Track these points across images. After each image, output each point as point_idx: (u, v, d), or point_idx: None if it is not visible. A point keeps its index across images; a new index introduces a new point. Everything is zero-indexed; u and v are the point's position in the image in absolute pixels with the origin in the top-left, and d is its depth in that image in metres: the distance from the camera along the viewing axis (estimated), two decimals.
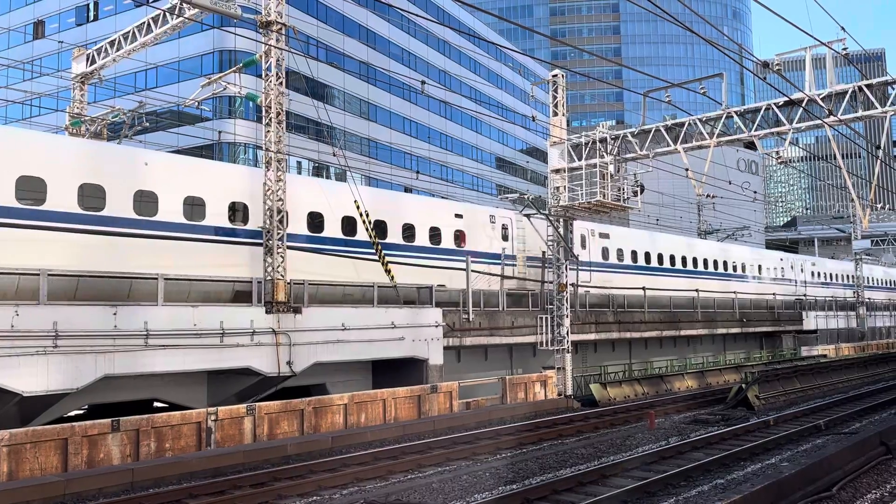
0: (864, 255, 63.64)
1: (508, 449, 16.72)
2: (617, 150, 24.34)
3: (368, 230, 22.43)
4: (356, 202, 22.12)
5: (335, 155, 27.59)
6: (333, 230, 22.30)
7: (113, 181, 17.89)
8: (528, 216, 27.31)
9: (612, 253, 33.05)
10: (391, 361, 21.58)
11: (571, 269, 27.42)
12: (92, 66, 24.68)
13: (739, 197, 40.63)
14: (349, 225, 22.70)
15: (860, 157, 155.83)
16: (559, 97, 25.89)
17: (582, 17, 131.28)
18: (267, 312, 18.37)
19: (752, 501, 9.88)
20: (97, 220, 17.54)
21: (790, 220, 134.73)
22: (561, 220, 25.84)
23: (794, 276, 48.98)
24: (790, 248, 76.86)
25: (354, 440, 17.29)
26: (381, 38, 62.67)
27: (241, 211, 20.33)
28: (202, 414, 15.96)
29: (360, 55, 58.60)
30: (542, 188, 65.33)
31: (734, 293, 39.52)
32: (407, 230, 24.51)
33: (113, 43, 23.83)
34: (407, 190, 55.12)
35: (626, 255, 33.86)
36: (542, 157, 71.37)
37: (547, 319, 25.58)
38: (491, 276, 26.84)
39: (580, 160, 24.90)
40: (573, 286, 27.41)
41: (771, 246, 78.16)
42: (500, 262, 27.35)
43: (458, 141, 73.61)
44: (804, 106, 20.50)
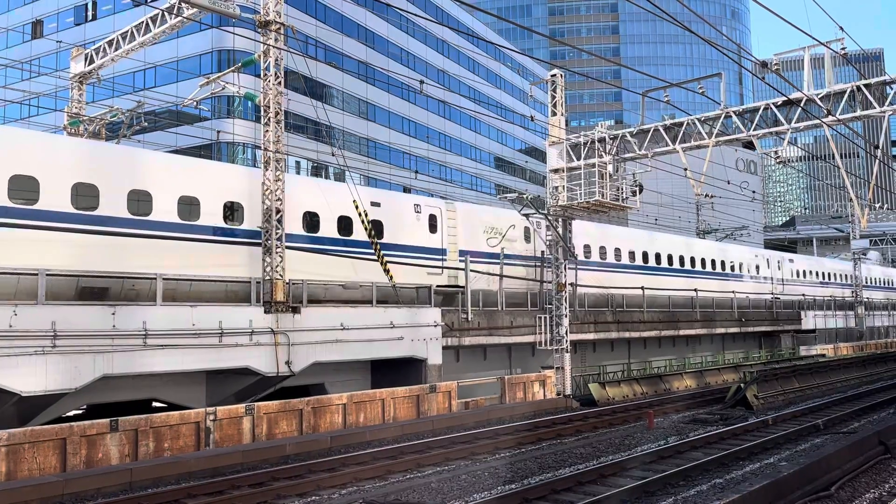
0: (845, 253, 62.84)
1: (507, 448, 16.72)
2: (615, 149, 24.34)
3: (367, 229, 22.40)
4: (355, 201, 22.08)
5: (334, 155, 27.56)
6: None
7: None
8: (526, 216, 26.92)
9: (592, 253, 31.47)
10: (390, 361, 21.58)
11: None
12: (90, 65, 24.65)
13: (738, 197, 40.72)
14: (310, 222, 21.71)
15: (858, 156, 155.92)
16: (558, 97, 25.90)
17: (581, 16, 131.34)
18: (266, 312, 18.36)
19: (750, 501, 9.89)
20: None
21: (789, 219, 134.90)
22: (560, 219, 25.85)
23: (769, 273, 46.28)
24: (789, 247, 76.90)
25: (353, 440, 17.28)
26: (379, 37, 62.67)
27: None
28: (201, 414, 15.95)
29: (358, 55, 58.60)
30: (540, 188, 65.34)
31: (694, 290, 36.45)
32: (310, 219, 21.85)
33: (111, 42, 23.81)
34: (406, 190, 55.11)
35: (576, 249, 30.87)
36: (540, 156, 71.40)
37: (546, 319, 25.59)
38: (412, 266, 24.25)
39: (579, 160, 24.91)
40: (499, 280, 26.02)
41: (769, 245, 78.22)
42: (425, 255, 24.79)
43: (456, 140, 73.62)
44: (803, 106, 20.51)
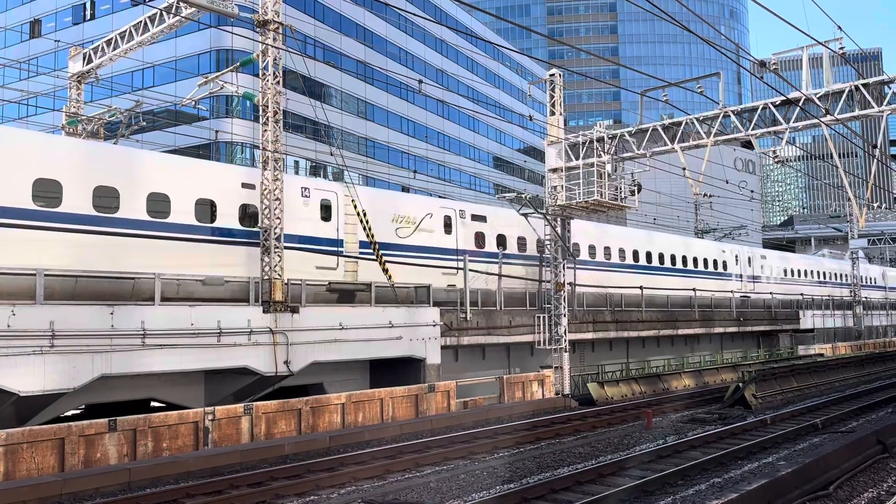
0: (826, 249, 61.94)
1: (506, 448, 16.72)
2: (614, 149, 24.35)
3: (366, 229, 22.38)
4: (353, 202, 22.07)
5: (332, 154, 27.50)
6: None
7: None
8: (525, 215, 26.68)
9: (488, 240, 27.25)
10: (389, 361, 21.57)
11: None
12: (88, 65, 24.62)
13: (736, 196, 40.74)
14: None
15: (857, 156, 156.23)
16: (556, 96, 25.90)
17: (579, 16, 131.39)
18: (264, 312, 18.35)
19: (749, 500, 9.89)
20: None
21: (787, 219, 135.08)
22: (559, 219, 25.86)
23: (739, 270, 42.81)
24: (787, 247, 76.90)
25: (352, 440, 17.28)
26: (378, 37, 62.65)
27: None
28: (199, 413, 15.94)
29: (357, 54, 58.58)
30: (539, 187, 65.36)
31: (640, 287, 32.80)
32: (156, 203, 18.64)
33: (109, 42, 23.77)
34: (405, 189, 55.09)
35: (507, 242, 27.88)
36: (539, 156, 71.37)
37: (544, 318, 25.59)
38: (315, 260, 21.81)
39: (577, 159, 24.92)
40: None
41: (768, 245, 78.25)
42: (314, 246, 21.48)
43: (455, 140, 73.63)
44: (801, 105, 20.52)
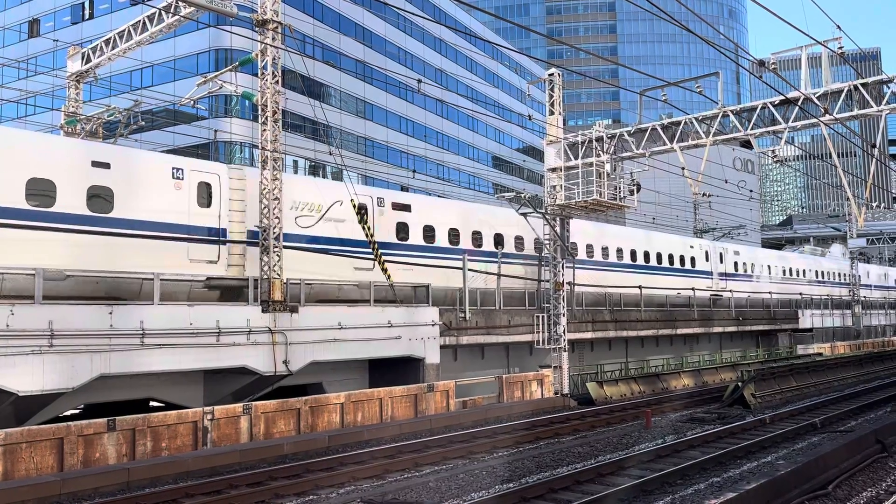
0: (806, 246, 60.78)
1: (505, 448, 16.72)
2: (613, 148, 24.35)
3: (365, 229, 22.36)
4: (352, 200, 22.03)
5: (331, 154, 27.48)
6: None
7: None
8: (524, 215, 26.57)
9: (412, 231, 24.72)
10: (388, 360, 21.56)
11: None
12: (87, 64, 24.59)
13: (735, 196, 40.71)
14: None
15: (856, 155, 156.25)
16: (555, 96, 25.90)
17: (578, 15, 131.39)
18: (263, 311, 18.34)
19: (748, 500, 9.90)
20: None
21: (786, 218, 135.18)
22: (558, 218, 25.85)
23: (709, 266, 40.08)
24: (777, 244, 76.94)
25: (351, 439, 17.28)
26: (377, 36, 62.63)
27: None
28: (198, 413, 15.93)
29: (356, 54, 58.56)
30: (538, 187, 65.36)
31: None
32: None
33: (108, 41, 23.74)
34: (403, 189, 55.09)
35: (436, 234, 25.52)
36: (538, 155, 71.39)
37: (543, 318, 25.59)
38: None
39: (576, 159, 24.91)
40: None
41: (767, 245, 78.28)
42: (186, 235, 19.00)
43: (454, 140, 73.61)
44: (800, 105, 20.53)
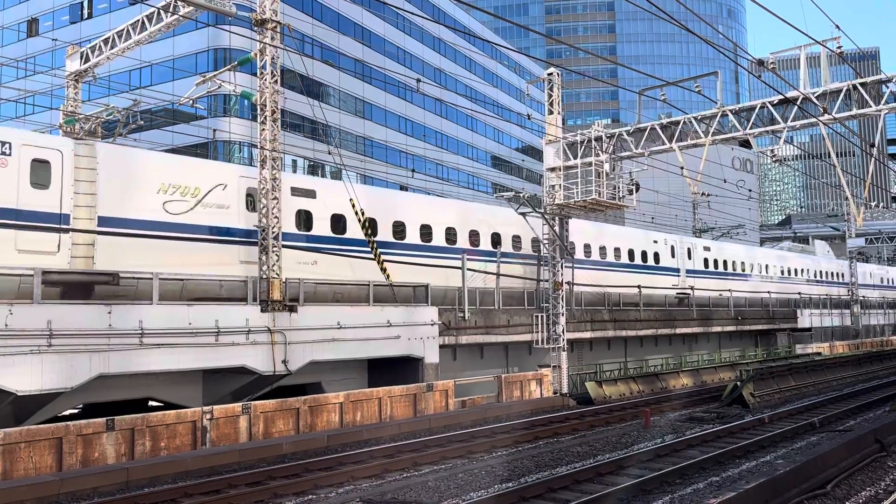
0: (786, 242, 59.30)
1: (504, 447, 16.72)
2: (612, 148, 24.35)
3: (364, 229, 22.35)
4: (351, 200, 22.01)
5: (330, 153, 27.46)
6: None
7: None
8: (523, 214, 26.52)
9: (317, 221, 22.24)
10: (387, 360, 21.56)
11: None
12: (86, 63, 24.54)
13: (734, 195, 40.72)
14: None
15: (854, 155, 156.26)
16: (554, 95, 25.89)
17: (577, 15, 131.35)
18: (262, 311, 18.34)
19: (747, 499, 9.89)
20: None
21: (785, 218, 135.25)
22: (556, 218, 25.85)
23: (676, 263, 37.46)
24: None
25: (350, 439, 17.27)
26: (376, 36, 62.59)
27: None
28: (197, 413, 15.92)
29: (355, 53, 58.52)
30: (537, 186, 65.36)
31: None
32: None
33: (107, 41, 23.70)
34: (402, 188, 55.08)
35: (345, 225, 22.89)
36: (537, 155, 71.38)
37: (542, 318, 25.59)
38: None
39: (575, 158, 24.91)
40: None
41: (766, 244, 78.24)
42: (14, 221, 16.48)
43: (453, 139, 73.58)
44: (799, 104, 20.53)
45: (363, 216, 21.97)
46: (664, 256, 36.88)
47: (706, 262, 40.00)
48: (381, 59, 61.23)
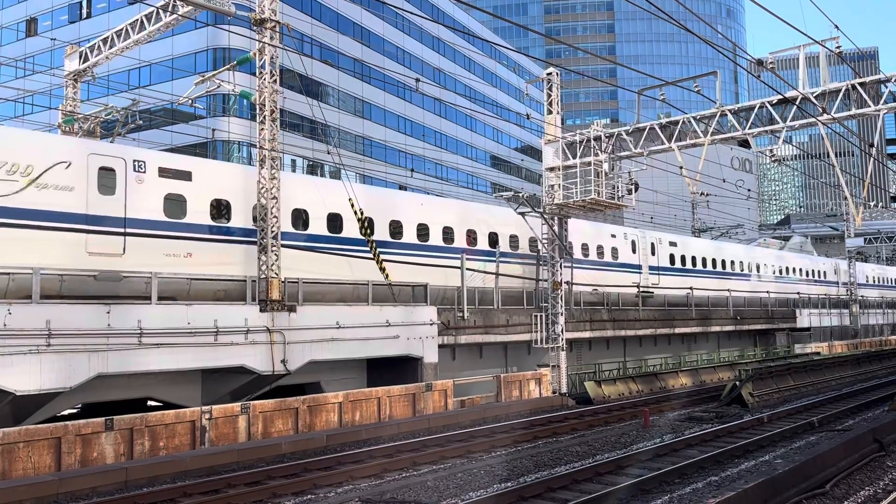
0: (763, 238, 58.06)
1: (503, 447, 16.72)
2: (611, 148, 24.36)
3: (363, 228, 22.34)
4: (350, 200, 22.00)
5: (329, 153, 27.47)
6: None
7: None
8: (522, 214, 26.49)
9: (192, 208, 19.59)
10: (386, 360, 21.56)
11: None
12: (85, 63, 24.55)
13: (733, 195, 40.74)
14: None
15: (853, 155, 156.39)
16: (553, 95, 25.89)
17: (576, 15, 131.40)
18: (261, 311, 18.34)
19: (746, 499, 9.89)
20: None
21: (784, 217, 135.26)
22: (556, 217, 25.85)
23: (637, 259, 34.24)
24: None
25: (349, 438, 17.27)
26: (375, 35, 62.60)
27: None
28: (196, 412, 15.92)
29: (354, 53, 58.51)
30: (536, 186, 65.39)
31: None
32: None
33: (106, 40, 23.71)
34: (401, 188, 55.07)
35: (231, 212, 20.30)
36: (536, 155, 71.41)
37: (541, 317, 25.60)
38: None
39: (575, 158, 24.92)
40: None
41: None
42: None
43: (452, 139, 73.59)
44: (798, 104, 20.54)
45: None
46: (623, 252, 33.48)
47: (672, 258, 36.99)
48: (380, 58, 61.24)
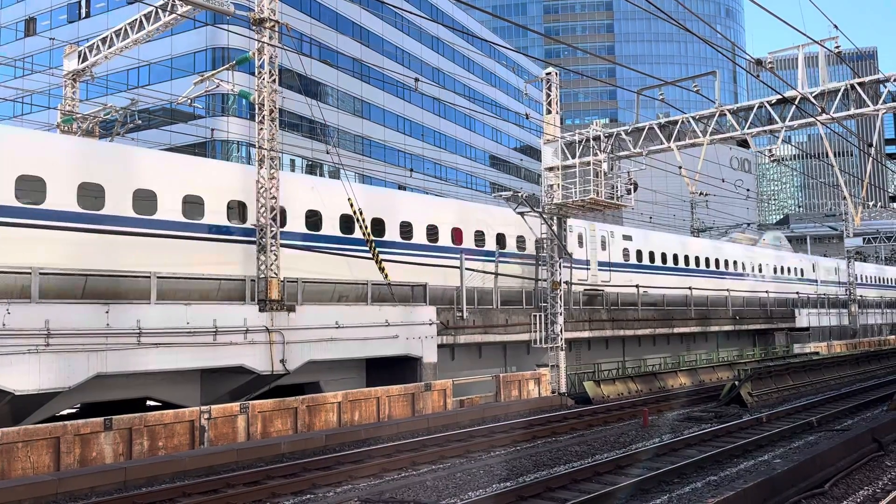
0: (735, 234, 56.22)
1: (502, 446, 16.72)
2: (610, 147, 24.36)
3: (363, 228, 22.34)
4: (350, 199, 21.99)
5: (328, 153, 27.46)
6: None
7: None
8: (521, 214, 26.47)
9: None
10: (385, 359, 21.56)
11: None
12: (84, 63, 24.54)
13: (732, 195, 40.76)
14: None
15: (852, 155, 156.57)
16: (553, 95, 25.89)
17: (576, 15, 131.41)
18: (260, 310, 18.33)
19: (745, 498, 9.90)
20: None
21: (783, 217, 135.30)
22: (555, 217, 25.85)
23: (585, 254, 31.56)
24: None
25: (348, 438, 17.27)
26: (374, 35, 62.59)
27: None
28: (195, 412, 15.91)
29: (353, 52, 58.51)
30: (535, 186, 65.38)
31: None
32: None
33: (105, 40, 23.70)
34: (401, 188, 55.06)
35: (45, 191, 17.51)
36: (535, 154, 71.43)
37: (541, 317, 25.60)
38: None
39: (574, 158, 24.92)
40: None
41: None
42: None
43: (451, 139, 73.59)
44: (797, 104, 20.55)
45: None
46: (569, 245, 29.83)
47: (626, 253, 34.01)
48: (379, 58, 61.24)
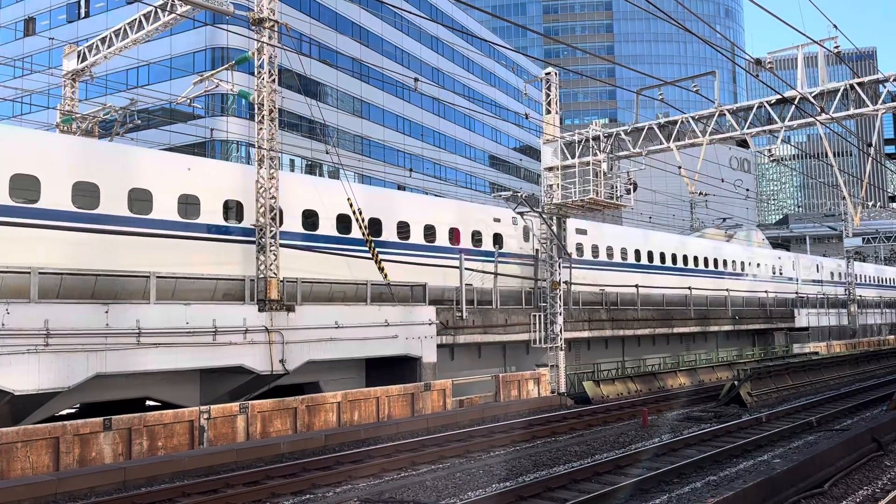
0: (712, 228, 55.42)
1: (502, 446, 16.72)
2: (610, 147, 24.37)
3: (362, 228, 22.34)
4: (349, 199, 21.99)
5: (328, 153, 27.44)
6: None
7: None
8: (521, 213, 26.47)
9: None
10: (384, 359, 21.56)
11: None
12: (83, 63, 24.53)
13: (732, 195, 40.75)
14: None
15: (852, 154, 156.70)
16: (552, 95, 25.90)
17: (575, 15, 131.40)
18: (260, 310, 18.33)
19: (744, 498, 9.90)
20: None
21: (782, 217, 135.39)
22: (554, 217, 25.85)
23: (531, 248, 29.08)
24: (782, 245, 77.01)
25: (348, 438, 17.26)
26: (374, 35, 62.59)
27: None
28: (195, 412, 15.90)
29: (353, 52, 58.50)
30: (535, 186, 65.38)
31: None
32: None
33: (104, 40, 23.69)
34: (400, 187, 55.06)
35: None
36: (535, 154, 71.43)
37: (540, 317, 25.60)
38: None
39: (573, 158, 24.93)
40: None
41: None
42: None
43: (451, 139, 73.59)
44: (796, 104, 20.55)
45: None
46: (511, 240, 28.38)
47: (580, 248, 31.73)
48: (378, 58, 61.24)
